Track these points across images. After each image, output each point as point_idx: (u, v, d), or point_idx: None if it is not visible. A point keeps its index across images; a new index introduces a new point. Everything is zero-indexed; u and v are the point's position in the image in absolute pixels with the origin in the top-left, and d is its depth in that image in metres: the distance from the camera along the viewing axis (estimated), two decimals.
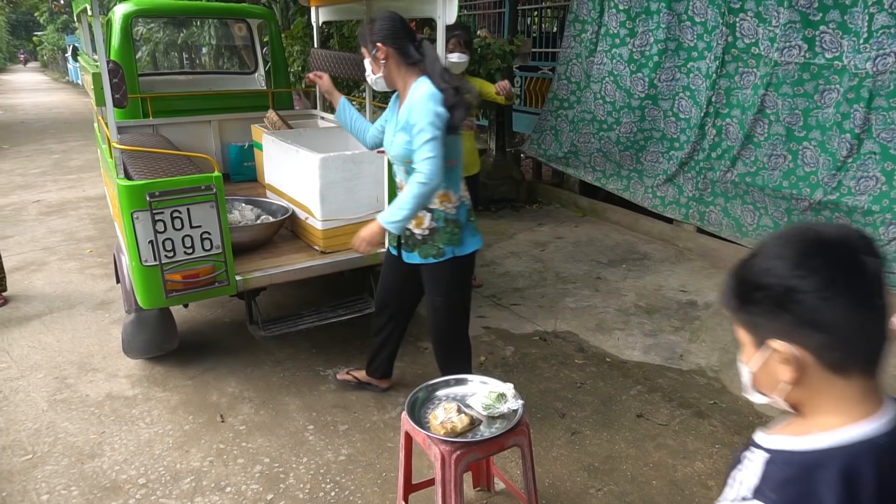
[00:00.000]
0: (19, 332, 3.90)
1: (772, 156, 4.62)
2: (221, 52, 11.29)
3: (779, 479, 0.84)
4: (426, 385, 2.13)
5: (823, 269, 0.83)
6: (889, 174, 4.00)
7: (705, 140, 5.08)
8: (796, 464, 0.84)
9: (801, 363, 0.86)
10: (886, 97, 3.93)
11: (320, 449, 2.79)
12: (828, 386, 0.87)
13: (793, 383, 0.88)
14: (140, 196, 2.66)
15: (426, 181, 2.27)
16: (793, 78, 4.38)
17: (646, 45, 5.30)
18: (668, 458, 2.73)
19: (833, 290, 0.82)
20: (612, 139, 5.75)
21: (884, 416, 0.85)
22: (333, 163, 3.10)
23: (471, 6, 9.15)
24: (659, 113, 5.41)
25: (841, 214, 4.27)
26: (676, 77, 5.26)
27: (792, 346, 0.85)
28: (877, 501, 0.80)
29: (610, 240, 5.60)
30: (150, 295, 2.81)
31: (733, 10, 4.66)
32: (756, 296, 0.88)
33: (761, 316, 0.89)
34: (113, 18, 4.87)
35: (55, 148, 10.77)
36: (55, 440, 2.85)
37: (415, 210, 2.34)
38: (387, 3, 3.82)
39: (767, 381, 0.92)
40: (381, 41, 2.40)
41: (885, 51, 3.89)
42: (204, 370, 3.43)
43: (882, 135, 4.00)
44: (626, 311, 4.14)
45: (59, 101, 20.79)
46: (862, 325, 0.85)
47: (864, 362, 0.87)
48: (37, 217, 6.41)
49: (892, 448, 0.83)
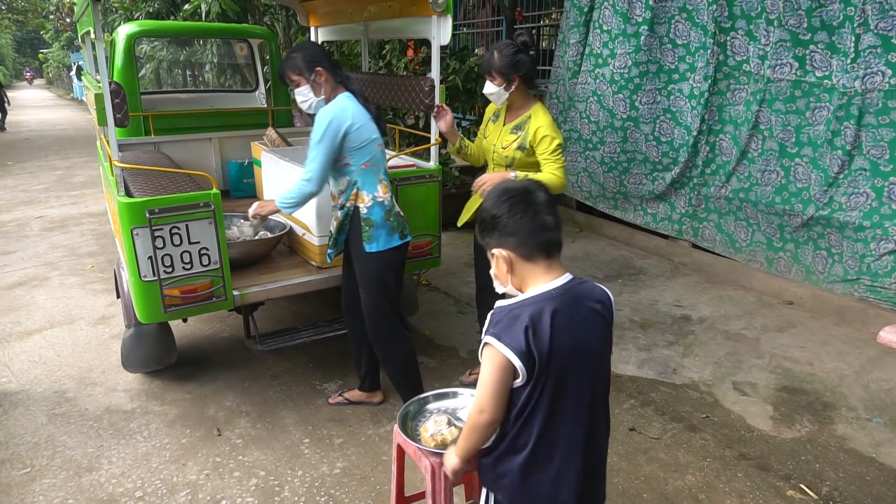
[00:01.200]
0: (20, 347, 3.95)
1: (765, 171, 4.68)
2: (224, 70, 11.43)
3: (497, 319, 1.44)
4: (418, 398, 2.16)
5: (509, 202, 1.46)
6: (879, 190, 4.06)
7: (699, 156, 5.12)
8: (506, 310, 1.44)
9: (509, 259, 1.47)
10: (875, 115, 4.00)
11: (315, 462, 2.82)
12: (526, 269, 1.48)
13: (509, 272, 1.49)
14: (140, 213, 2.72)
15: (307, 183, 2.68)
16: (785, 95, 4.44)
17: (625, 66, 5.29)
18: (659, 471, 2.75)
19: (514, 212, 1.45)
20: (597, 159, 5.74)
21: (559, 281, 1.46)
22: None
23: (469, 25, 9.29)
24: (640, 136, 5.40)
25: (832, 230, 4.31)
26: (657, 100, 5.25)
27: (502, 250, 1.48)
28: (550, 323, 1.39)
29: (606, 255, 5.65)
30: (148, 309, 2.86)
31: (724, 28, 4.72)
32: (482, 226, 1.52)
33: (486, 237, 1.51)
34: (116, 38, 4.97)
35: (59, 164, 10.88)
36: (54, 454, 2.89)
37: (290, 203, 2.72)
38: (383, 24, 3.91)
39: (501, 276, 1.51)
40: (318, 65, 2.72)
41: (872, 70, 3.96)
42: (202, 384, 3.47)
43: (872, 151, 4.05)
44: (620, 326, 4.18)
45: (64, 117, 21.00)
46: (534, 229, 1.45)
47: (543, 251, 1.46)
48: (39, 233, 6.48)
49: (561, 295, 1.44)
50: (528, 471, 1.51)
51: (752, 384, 3.46)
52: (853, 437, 2.99)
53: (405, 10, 3.41)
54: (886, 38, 3.88)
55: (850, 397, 3.33)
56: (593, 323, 1.48)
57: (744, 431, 3.04)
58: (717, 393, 3.38)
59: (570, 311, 1.44)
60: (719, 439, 2.97)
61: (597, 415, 1.52)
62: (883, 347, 3.86)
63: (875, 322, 4.03)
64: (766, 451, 2.89)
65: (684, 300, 4.61)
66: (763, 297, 4.65)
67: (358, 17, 3.99)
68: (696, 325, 4.20)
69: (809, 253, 4.51)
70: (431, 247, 3.59)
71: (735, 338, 4.01)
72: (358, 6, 3.88)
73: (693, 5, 4.87)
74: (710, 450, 2.90)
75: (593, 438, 1.53)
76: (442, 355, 3.74)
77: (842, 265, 4.31)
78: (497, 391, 1.44)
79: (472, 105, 6.21)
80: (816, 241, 4.45)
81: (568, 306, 1.44)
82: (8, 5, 24.56)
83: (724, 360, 3.73)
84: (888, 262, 4.02)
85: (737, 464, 2.80)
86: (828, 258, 4.41)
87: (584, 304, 1.47)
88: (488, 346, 1.43)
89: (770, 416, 3.17)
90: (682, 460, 2.83)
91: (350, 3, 3.95)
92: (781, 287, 4.63)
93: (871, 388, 3.41)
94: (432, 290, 4.77)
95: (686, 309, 4.46)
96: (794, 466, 2.79)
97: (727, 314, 4.36)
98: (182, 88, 11.97)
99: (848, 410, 3.22)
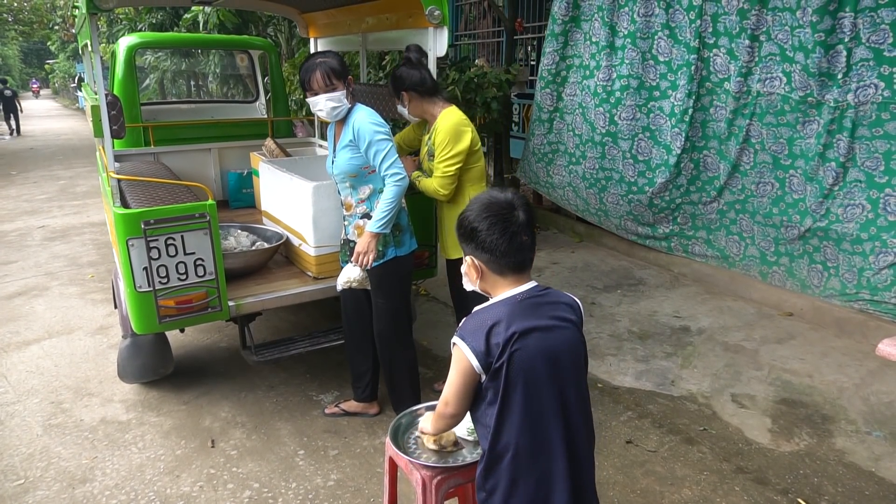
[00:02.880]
0: (18, 357, 3.95)
1: (760, 183, 4.66)
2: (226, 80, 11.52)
3: (467, 322, 1.57)
4: (409, 411, 2.15)
5: (489, 220, 1.53)
6: (874, 202, 4.04)
7: (681, 176, 5.04)
8: (476, 314, 1.57)
9: (480, 269, 1.59)
10: (869, 126, 3.98)
11: (310, 474, 2.81)
12: (494, 280, 1.59)
13: (479, 279, 1.61)
14: (135, 224, 2.72)
15: (402, 180, 2.67)
16: (775, 108, 4.42)
17: (609, 79, 5.23)
18: (655, 484, 2.73)
19: (493, 231, 1.52)
20: (580, 174, 5.68)
21: (523, 287, 1.57)
22: (326, 190, 3.16)
23: (471, 35, 9.34)
24: (618, 153, 5.31)
25: (829, 243, 4.29)
26: (636, 116, 5.15)
27: (475, 259, 1.59)
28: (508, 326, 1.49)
29: (606, 265, 5.63)
30: (144, 320, 2.86)
31: (707, 45, 4.68)
32: (461, 230, 1.61)
33: (464, 243, 1.61)
34: (117, 50, 5.00)
35: (62, 174, 10.94)
36: (48, 465, 2.88)
37: (394, 209, 2.69)
38: (381, 36, 3.93)
39: (471, 279, 1.63)
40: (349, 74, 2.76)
41: (865, 82, 3.96)
42: (198, 395, 3.46)
43: (867, 163, 4.04)
44: (619, 337, 4.16)
45: (69, 127, 21.14)
46: (509, 251, 1.53)
47: (514, 269, 1.56)
48: (41, 242, 6.50)
49: (524, 300, 1.54)
50: (515, 475, 1.55)
51: (751, 396, 3.44)
52: (852, 451, 2.96)
53: (403, 22, 3.44)
54: (878, 51, 3.87)
55: (850, 410, 3.31)
56: (558, 327, 1.56)
57: (742, 444, 3.01)
58: (715, 405, 3.36)
59: (533, 316, 1.53)
60: (717, 452, 2.95)
61: (572, 419, 1.56)
62: (883, 360, 3.83)
63: (875, 334, 4.00)
64: (764, 465, 2.86)
65: (683, 311, 4.59)
66: (763, 308, 4.63)
67: (356, 29, 4.02)
68: (695, 336, 4.18)
69: (804, 267, 4.49)
70: (429, 257, 3.59)
71: (734, 349, 3.99)
72: (356, 18, 3.90)
73: (676, 22, 4.84)
74: (707, 463, 2.87)
75: (573, 443, 1.56)
76: (439, 366, 3.73)
77: (839, 279, 4.29)
78: (460, 387, 1.57)
79: (471, 115, 6.23)
80: (812, 255, 4.43)
81: (531, 311, 1.54)
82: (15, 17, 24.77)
83: (723, 371, 3.71)
84: (888, 275, 3.99)
85: (734, 477, 2.78)
86: (823, 272, 4.39)
87: (547, 309, 1.57)
88: (454, 346, 1.56)
89: (768, 428, 3.14)
90: (679, 473, 2.80)
91: (349, 15, 3.97)
92: (781, 298, 4.60)
93: (870, 401, 3.38)
94: (430, 301, 4.76)
95: (685, 320, 4.44)
96: (792, 480, 2.76)
97: (726, 325, 4.34)
98: (183, 99, 12.04)
99: (847, 423, 3.19)
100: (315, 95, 2.67)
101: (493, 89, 6.07)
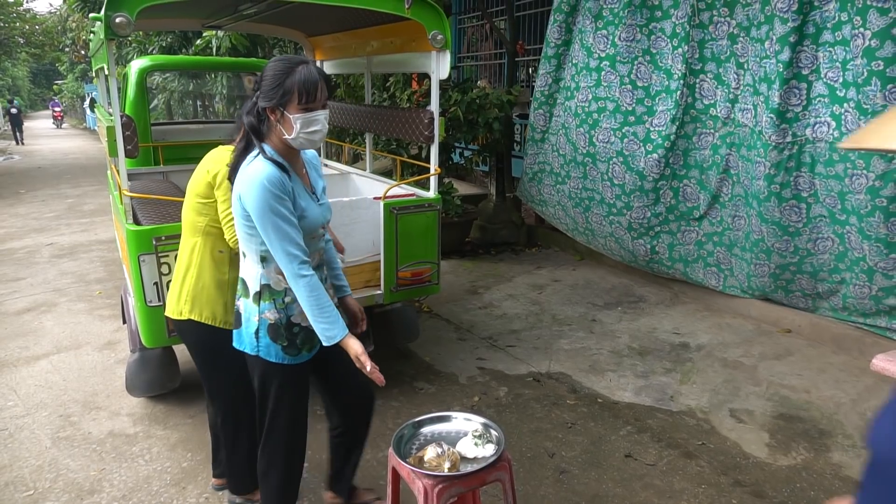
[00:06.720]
0: (27, 371, 4.02)
1: (735, 217, 4.63)
2: (233, 101, 11.71)
3: None
4: (412, 422, 2.22)
5: None
6: (841, 236, 4.01)
7: (659, 204, 5.01)
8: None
9: None
10: (825, 164, 3.93)
11: (314, 486, 2.86)
12: None
13: None
14: (147, 240, 2.81)
15: None
16: (747, 141, 4.36)
17: (586, 100, 5.18)
18: (653, 497, 2.77)
19: None
20: (566, 193, 5.67)
21: None
22: (331, 208, 3.24)
23: (473, 57, 9.50)
24: (597, 174, 5.27)
25: (803, 276, 4.33)
26: (611, 140, 5.07)
27: None
28: None
29: (606, 283, 5.70)
30: (153, 334, 2.94)
31: (694, 71, 4.61)
32: None
33: None
34: (129, 72, 5.14)
35: (70, 192, 11.09)
36: (56, 476, 2.94)
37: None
38: (385, 59, 4.05)
39: None
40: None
41: (820, 119, 3.90)
42: (204, 409, 3.49)
43: (827, 200, 4.01)
44: (619, 353, 4.21)
45: (76, 146, 21.39)
46: None
47: None
48: (49, 259, 6.60)
49: None
50: None
51: (749, 411, 3.48)
52: (849, 465, 3.00)
53: (406, 45, 3.55)
54: (832, 89, 3.81)
55: (847, 425, 3.35)
56: None
57: (739, 458, 3.05)
58: (713, 420, 3.40)
59: None
60: (715, 466, 2.99)
61: None
62: (879, 375, 3.86)
63: (872, 350, 4.04)
64: (762, 479, 2.90)
65: (683, 328, 4.64)
66: (761, 325, 4.68)
67: (361, 52, 4.14)
68: (694, 352, 4.23)
69: (783, 297, 4.57)
70: (431, 274, 3.66)
71: (733, 365, 4.04)
72: (362, 42, 4.02)
73: (657, 49, 4.76)
74: (705, 476, 2.92)
75: None
76: (441, 381, 3.78)
77: (827, 302, 4.34)
78: None
79: (473, 136, 6.35)
80: (788, 286, 4.49)
81: None
82: (27, 39, 25.20)
83: (722, 387, 3.76)
84: (871, 305, 4.04)
85: (732, 491, 2.81)
86: (804, 297, 4.45)
87: None
88: None
89: (766, 443, 3.19)
90: (678, 487, 2.84)
91: (354, 39, 4.10)
92: (780, 315, 4.66)
93: (867, 416, 3.42)
94: (433, 317, 4.83)
95: (684, 336, 4.49)
96: (788, 493, 2.80)
97: (725, 342, 4.39)
98: (191, 119, 12.22)
99: (844, 438, 3.23)
100: (313, 111, 2.00)
101: (495, 110, 6.19)
